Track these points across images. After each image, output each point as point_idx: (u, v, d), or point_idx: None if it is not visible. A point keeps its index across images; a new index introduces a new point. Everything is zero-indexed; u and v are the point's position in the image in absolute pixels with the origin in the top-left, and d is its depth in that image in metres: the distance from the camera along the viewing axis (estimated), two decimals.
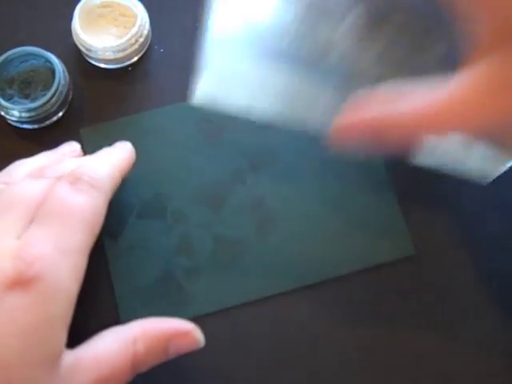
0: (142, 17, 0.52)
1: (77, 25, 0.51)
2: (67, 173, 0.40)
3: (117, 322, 0.43)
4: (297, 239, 0.48)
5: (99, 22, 0.53)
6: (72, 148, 0.48)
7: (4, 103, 0.49)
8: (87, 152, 0.51)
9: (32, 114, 0.49)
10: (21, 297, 0.31)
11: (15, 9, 0.55)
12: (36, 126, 0.51)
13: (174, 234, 0.49)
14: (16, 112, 0.49)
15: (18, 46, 0.51)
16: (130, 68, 0.54)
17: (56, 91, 0.49)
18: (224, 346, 0.46)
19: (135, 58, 0.53)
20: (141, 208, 0.49)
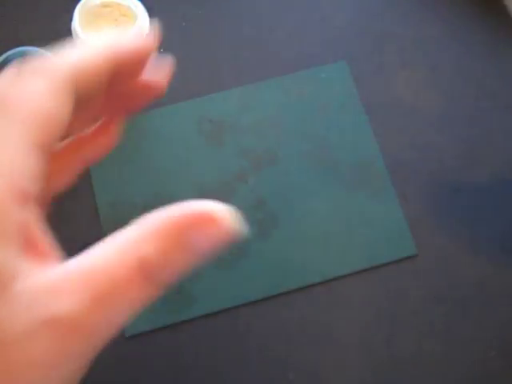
0: (142, 17, 0.52)
1: (77, 25, 0.51)
2: None
3: None
4: (298, 239, 0.48)
5: (99, 22, 0.53)
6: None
7: None
8: None
9: None
10: None
11: (15, 9, 0.55)
12: None
13: None
14: None
15: (18, 46, 0.50)
16: None
17: None
18: (224, 346, 0.46)
19: None
20: (142, 208, 0.49)
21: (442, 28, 0.55)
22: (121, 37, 0.27)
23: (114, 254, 0.22)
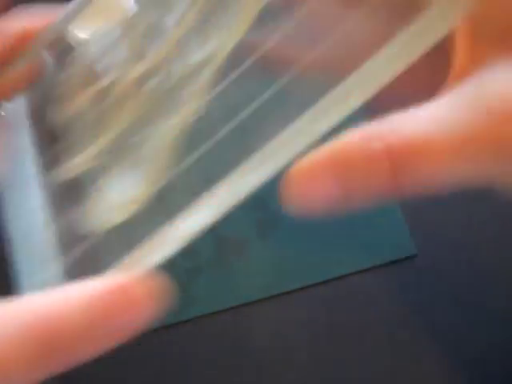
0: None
1: (76, 25, 0.51)
2: None
3: None
4: (298, 239, 0.48)
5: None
6: None
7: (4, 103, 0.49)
8: None
9: None
10: None
11: (15, 9, 0.55)
12: None
13: None
14: None
15: None
16: None
17: None
18: (224, 346, 0.46)
19: None
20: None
21: None
22: None
23: None
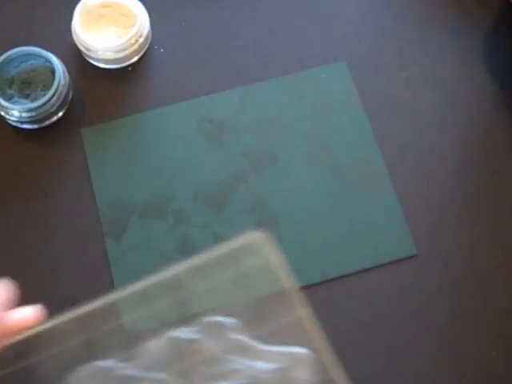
0: (142, 17, 0.52)
1: (77, 25, 0.51)
2: None
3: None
4: (298, 239, 0.48)
5: (99, 22, 0.53)
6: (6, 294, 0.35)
7: (4, 103, 0.49)
8: (88, 152, 0.51)
9: (32, 114, 0.49)
10: None
11: (15, 9, 0.55)
12: (36, 126, 0.51)
13: (176, 234, 0.49)
14: (16, 112, 0.49)
15: (18, 46, 0.51)
16: (130, 68, 0.53)
17: (56, 91, 0.49)
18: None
19: (135, 58, 0.53)
20: (142, 208, 0.49)
21: (442, 28, 0.55)
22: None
23: None
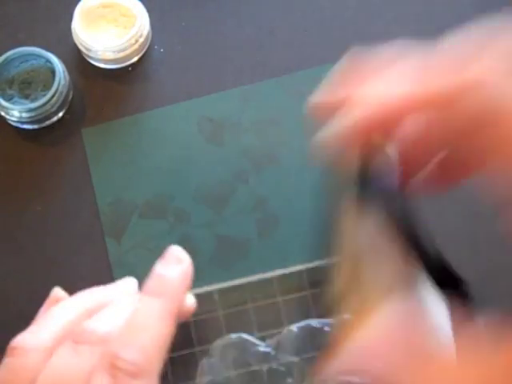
0: (142, 17, 0.52)
1: (77, 25, 0.51)
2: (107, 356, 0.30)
3: None
4: (298, 239, 0.48)
5: (99, 22, 0.53)
6: (127, 288, 0.39)
7: (4, 103, 0.49)
8: (89, 152, 0.51)
9: (32, 114, 0.49)
10: None
11: (15, 9, 0.55)
12: (36, 126, 0.51)
13: (176, 234, 0.49)
14: (16, 112, 0.49)
15: (18, 46, 0.50)
16: (130, 68, 0.53)
17: (56, 91, 0.49)
18: None
19: (135, 58, 0.53)
20: (143, 208, 0.49)
21: (442, 28, 0.55)
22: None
23: None
